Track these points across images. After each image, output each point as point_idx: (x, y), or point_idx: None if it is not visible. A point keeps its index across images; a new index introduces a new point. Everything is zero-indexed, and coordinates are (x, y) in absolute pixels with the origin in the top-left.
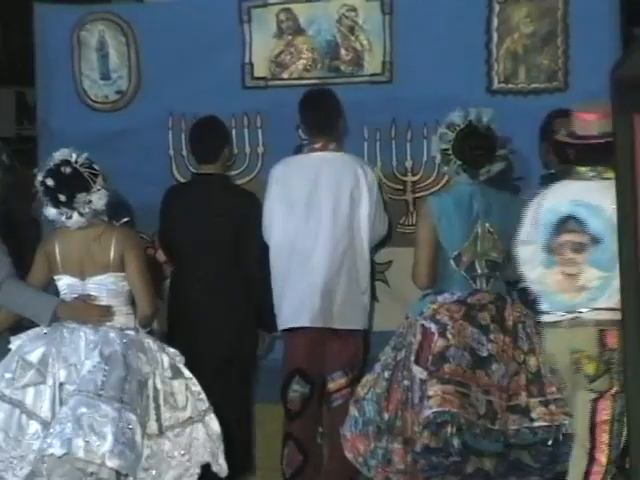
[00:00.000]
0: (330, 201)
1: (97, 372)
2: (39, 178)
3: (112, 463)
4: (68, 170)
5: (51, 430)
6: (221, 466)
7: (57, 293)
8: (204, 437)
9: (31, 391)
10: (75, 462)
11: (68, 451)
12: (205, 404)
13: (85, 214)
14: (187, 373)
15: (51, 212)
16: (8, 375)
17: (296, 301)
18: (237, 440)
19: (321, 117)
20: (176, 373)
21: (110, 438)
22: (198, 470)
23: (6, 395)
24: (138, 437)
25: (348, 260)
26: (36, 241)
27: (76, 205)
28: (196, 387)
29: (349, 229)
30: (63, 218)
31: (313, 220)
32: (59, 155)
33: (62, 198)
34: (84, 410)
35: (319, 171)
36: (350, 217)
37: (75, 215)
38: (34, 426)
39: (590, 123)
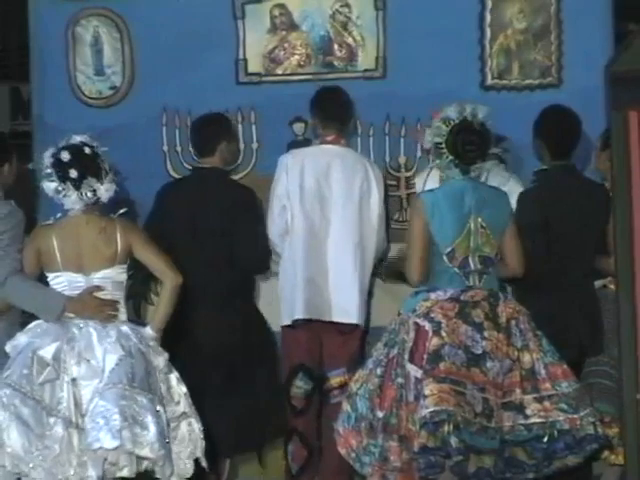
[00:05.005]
0: (341, 193)
1: (125, 365)
2: (51, 151)
3: (156, 453)
4: (88, 151)
5: (91, 425)
6: (205, 461)
7: None
8: (198, 432)
9: (47, 388)
10: (108, 453)
11: (120, 443)
12: (190, 400)
13: (85, 200)
14: (174, 370)
15: (50, 186)
16: (26, 371)
17: (308, 294)
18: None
19: (339, 109)
20: (170, 368)
21: (153, 428)
22: (192, 464)
23: (28, 391)
24: (166, 428)
25: (359, 254)
26: None
27: (82, 187)
28: (183, 384)
29: (360, 223)
30: (61, 195)
31: (324, 212)
32: (80, 137)
33: (73, 174)
34: (124, 402)
35: (330, 163)
36: (360, 210)
37: (75, 196)
38: (55, 423)
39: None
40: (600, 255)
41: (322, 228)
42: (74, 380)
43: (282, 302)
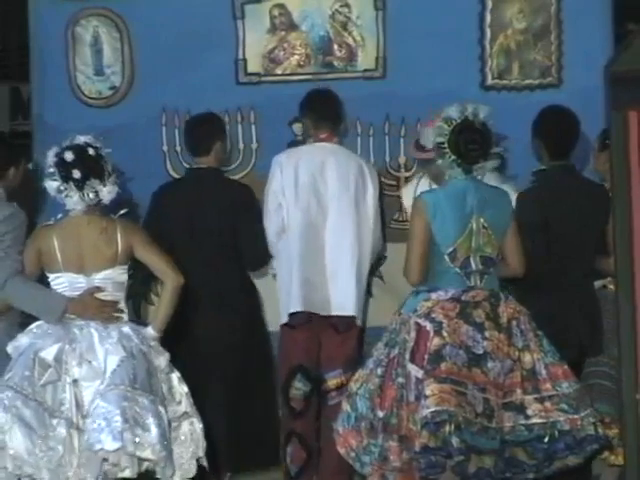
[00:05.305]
0: (337, 188)
1: (126, 366)
2: (55, 150)
3: (157, 455)
4: (92, 152)
5: (93, 426)
6: (205, 461)
7: None
8: (199, 431)
9: (49, 389)
10: (109, 455)
11: (122, 445)
12: (191, 399)
13: (87, 200)
14: (175, 370)
15: (52, 185)
16: (27, 373)
17: (305, 290)
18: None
19: (330, 108)
20: (171, 368)
21: (154, 430)
22: (195, 464)
23: (30, 393)
24: (168, 429)
25: (356, 249)
26: None
27: (85, 188)
28: (184, 384)
29: (356, 218)
30: (63, 195)
31: (320, 207)
32: (84, 137)
33: (76, 174)
34: (125, 404)
35: (325, 159)
36: (357, 205)
37: (77, 197)
38: (58, 424)
39: (427, 132)
40: (600, 255)
41: (319, 223)
42: (75, 381)
43: (280, 300)
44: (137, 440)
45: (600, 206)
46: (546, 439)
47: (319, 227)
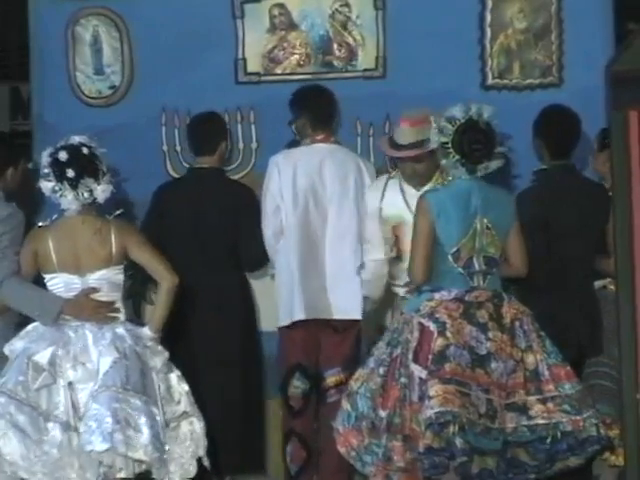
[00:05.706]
0: (336, 189)
1: (119, 368)
2: (50, 151)
3: (150, 456)
4: (86, 151)
5: (84, 428)
6: (207, 460)
7: None
8: (200, 431)
9: (44, 393)
10: (102, 456)
11: (111, 446)
12: (192, 398)
13: (81, 200)
14: (175, 369)
15: (47, 186)
16: (22, 378)
17: (306, 295)
18: (243, 439)
19: (326, 108)
20: (170, 368)
21: (146, 430)
22: (195, 464)
23: (24, 398)
24: (161, 430)
25: (358, 249)
26: None
27: (79, 187)
28: (185, 383)
29: (357, 218)
30: (57, 195)
31: (319, 210)
32: (79, 138)
33: (70, 173)
34: (117, 405)
35: (323, 160)
36: (357, 205)
37: (71, 196)
38: (53, 428)
39: (405, 130)
40: (600, 255)
41: (318, 225)
42: (70, 384)
43: (280, 303)
44: (129, 441)
45: (600, 206)
46: (548, 440)
47: (318, 229)
